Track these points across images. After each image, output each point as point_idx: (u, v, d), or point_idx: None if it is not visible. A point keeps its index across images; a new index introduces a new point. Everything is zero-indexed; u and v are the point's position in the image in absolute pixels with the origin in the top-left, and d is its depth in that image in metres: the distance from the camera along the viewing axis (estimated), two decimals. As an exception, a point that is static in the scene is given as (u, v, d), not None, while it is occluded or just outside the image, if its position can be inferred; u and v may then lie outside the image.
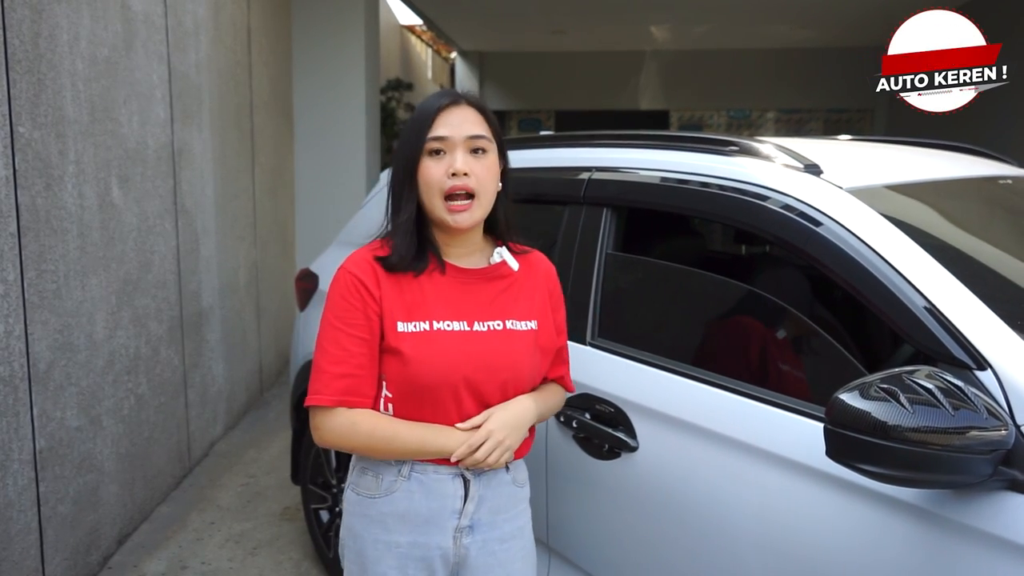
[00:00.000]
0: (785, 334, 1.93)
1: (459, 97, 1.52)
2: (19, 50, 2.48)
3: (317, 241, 5.29)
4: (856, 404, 1.28)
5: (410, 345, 1.47)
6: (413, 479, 1.53)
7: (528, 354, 1.55)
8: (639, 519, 1.87)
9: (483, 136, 1.50)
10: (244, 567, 3.08)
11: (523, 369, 1.54)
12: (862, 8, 8.51)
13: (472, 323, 1.51)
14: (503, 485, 1.59)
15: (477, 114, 1.52)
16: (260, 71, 5.13)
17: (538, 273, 1.65)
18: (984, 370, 1.36)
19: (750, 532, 1.63)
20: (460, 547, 1.54)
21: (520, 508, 1.64)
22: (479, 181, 1.49)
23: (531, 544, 1.68)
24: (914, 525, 1.38)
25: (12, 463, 2.46)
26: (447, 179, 1.47)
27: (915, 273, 1.50)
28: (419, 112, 1.52)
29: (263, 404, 5.07)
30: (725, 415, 1.71)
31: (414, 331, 1.48)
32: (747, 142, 1.92)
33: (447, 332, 1.49)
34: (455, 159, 1.47)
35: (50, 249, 2.67)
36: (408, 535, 1.53)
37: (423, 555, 1.53)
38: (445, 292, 1.52)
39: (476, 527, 1.55)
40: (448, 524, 1.53)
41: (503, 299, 1.56)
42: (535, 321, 1.58)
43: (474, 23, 9.82)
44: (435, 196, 1.49)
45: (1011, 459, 1.28)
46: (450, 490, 1.53)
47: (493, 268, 1.58)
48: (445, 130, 1.48)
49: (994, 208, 2.09)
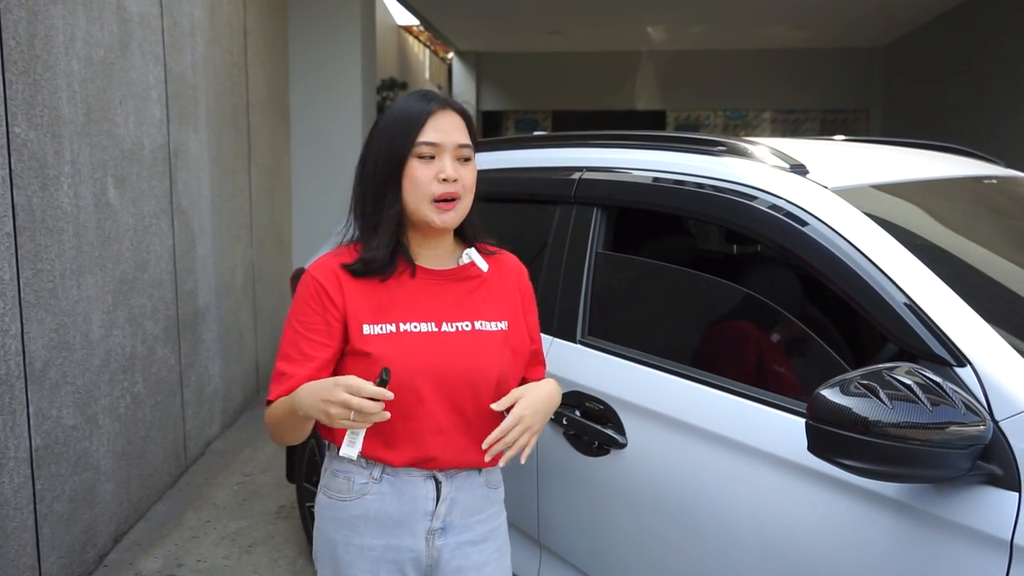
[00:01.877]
0: (773, 333, 1.95)
1: (446, 102, 1.52)
2: (15, 51, 2.50)
3: (313, 241, 5.31)
4: (837, 400, 1.30)
5: (377, 346, 1.47)
6: (384, 481, 1.53)
7: (497, 354, 1.54)
8: (628, 515, 1.89)
9: (469, 145, 1.52)
10: (240, 565, 3.10)
11: (492, 369, 1.52)
12: (858, 9, 8.54)
13: (440, 324, 1.51)
14: (476, 487, 1.58)
15: (463, 122, 1.53)
16: (256, 71, 5.15)
17: (508, 273, 1.65)
18: (963, 366, 1.38)
19: (738, 528, 1.65)
20: (432, 549, 1.54)
21: (494, 510, 1.63)
22: (464, 187, 1.51)
23: (505, 545, 1.66)
24: (894, 519, 1.40)
25: (8, 461, 2.48)
26: (437, 184, 1.48)
27: (897, 271, 1.52)
28: (405, 113, 1.50)
29: (259, 403, 5.09)
30: (714, 412, 1.73)
31: (380, 333, 1.48)
32: (735, 142, 1.94)
33: (415, 333, 1.49)
34: (445, 166, 1.48)
35: (46, 248, 2.68)
36: (380, 538, 1.52)
37: (395, 558, 1.53)
38: (413, 294, 1.53)
39: (448, 529, 1.55)
40: (420, 526, 1.53)
41: (472, 300, 1.56)
42: (505, 322, 1.57)
43: (471, 24, 9.84)
44: (423, 198, 1.49)
45: (989, 454, 1.30)
46: (422, 492, 1.53)
47: (462, 269, 1.58)
48: (437, 136, 1.48)
49: (979, 207, 2.11)
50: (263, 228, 5.31)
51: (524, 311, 1.65)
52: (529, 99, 12.11)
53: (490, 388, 1.52)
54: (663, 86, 11.70)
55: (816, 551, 1.52)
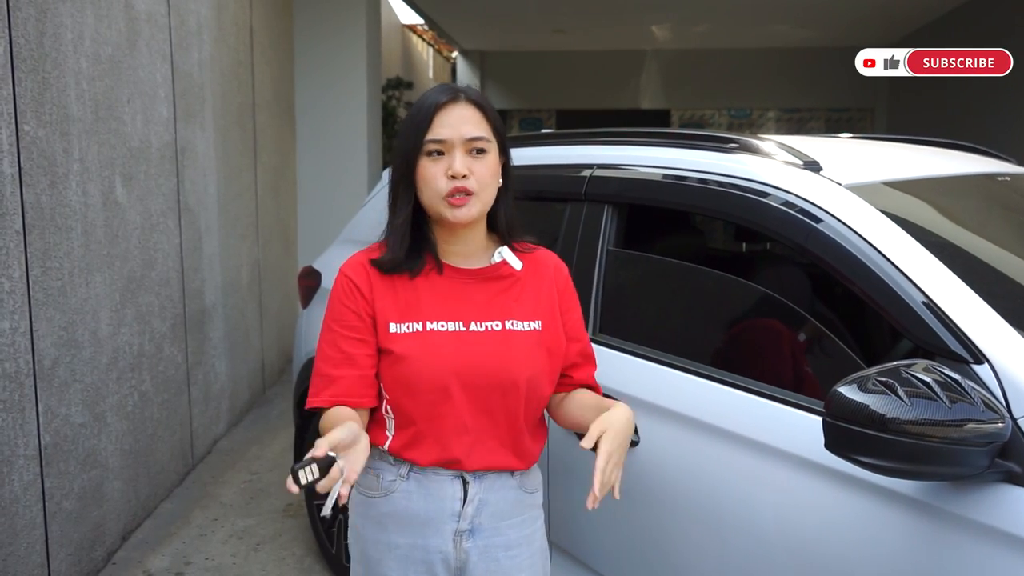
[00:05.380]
0: (786, 330, 1.94)
1: (458, 94, 1.47)
2: (24, 49, 2.50)
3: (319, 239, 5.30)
4: (855, 397, 1.29)
5: (402, 346, 1.46)
6: (411, 479, 1.51)
7: (528, 355, 1.50)
8: (640, 513, 1.88)
9: (482, 137, 1.46)
10: (247, 563, 3.10)
11: (521, 370, 1.48)
12: (863, 8, 8.52)
13: (468, 323, 1.48)
14: (508, 490, 1.55)
15: (476, 112, 1.47)
16: (262, 70, 5.15)
17: (545, 272, 1.59)
18: (981, 364, 1.37)
19: (752, 526, 1.64)
20: (460, 551, 1.51)
21: (529, 515, 1.59)
22: (479, 181, 1.45)
23: (542, 552, 1.62)
24: (912, 517, 1.40)
25: (18, 459, 2.48)
26: (447, 181, 1.44)
27: (913, 268, 1.51)
28: (416, 110, 1.48)
29: (265, 402, 5.09)
30: (726, 410, 1.73)
31: (406, 332, 1.47)
32: (747, 139, 1.94)
33: (441, 333, 1.47)
34: (454, 161, 1.44)
35: (55, 246, 2.68)
36: (407, 536, 1.51)
37: (423, 557, 1.51)
38: (441, 293, 1.50)
39: (477, 531, 1.52)
40: (447, 527, 1.51)
41: (503, 299, 1.52)
42: (539, 321, 1.53)
43: (475, 22, 9.83)
44: (435, 195, 1.46)
45: (1007, 451, 1.29)
46: (448, 492, 1.51)
47: (493, 268, 1.54)
48: (443, 131, 1.44)
49: (992, 205, 2.10)
50: (269, 227, 5.31)
51: (564, 310, 1.59)
52: (533, 98, 12.10)
53: (520, 389, 1.49)
54: (667, 85, 11.68)
55: (832, 549, 1.51)
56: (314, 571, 3.05)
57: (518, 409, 1.51)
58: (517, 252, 1.58)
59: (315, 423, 3.08)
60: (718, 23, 9.63)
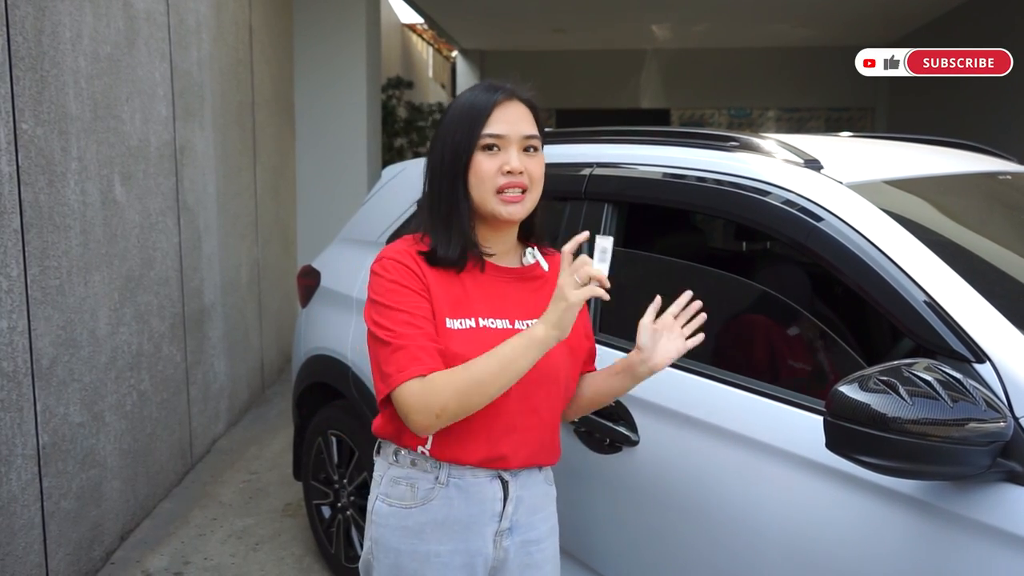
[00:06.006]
0: (786, 329, 1.94)
1: (513, 93, 1.49)
2: (22, 47, 2.49)
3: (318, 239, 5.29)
4: (856, 396, 1.29)
5: (458, 342, 1.43)
6: (451, 485, 1.49)
7: (561, 354, 1.51)
8: (639, 513, 1.88)
9: (536, 135, 1.49)
10: (246, 563, 3.10)
11: (561, 369, 1.52)
12: (863, 7, 8.52)
13: (514, 321, 1.49)
14: (537, 484, 1.57)
15: (529, 112, 1.50)
16: (262, 69, 5.14)
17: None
18: (983, 363, 1.37)
19: (752, 526, 1.64)
20: (500, 550, 1.52)
21: (551, 509, 1.63)
22: (532, 178, 1.47)
23: (558, 545, 1.65)
24: (913, 516, 1.39)
25: (16, 458, 2.47)
26: (501, 176, 1.45)
27: (915, 267, 1.51)
28: (470, 105, 1.48)
29: (265, 401, 5.08)
30: (726, 410, 1.72)
31: (460, 328, 1.45)
32: (748, 138, 1.93)
33: (492, 330, 1.47)
34: (511, 157, 1.45)
35: (53, 245, 2.68)
36: (448, 543, 1.49)
37: (465, 562, 1.49)
38: (487, 290, 1.51)
39: (515, 528, 1.53)
40: (488, 529, 1.51)
41: (536, 299, 1.53)
42: None
43: (475, 22, 9.83)
44: (488, 191, 1.45)
45: (1009, 451, 1.29)
46: (489, 493, 1.50)
47: (527, 269, 1.57)
48: (502, 127, 1.45)
49: (993, 203, 2.10)
50: (268, 226, 5.30)
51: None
52: (533, 97, 12.08)
53: (560, 386, 1.52)
54: (667, 84, 11.67)
55: (834, 549, 1.51)
56: (313, 571, 3.04)
57: (558, 405, 1.55)
58: (544, 254, 1.62)
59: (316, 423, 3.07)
60: (718, 22, 9.63)
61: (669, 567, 1.82)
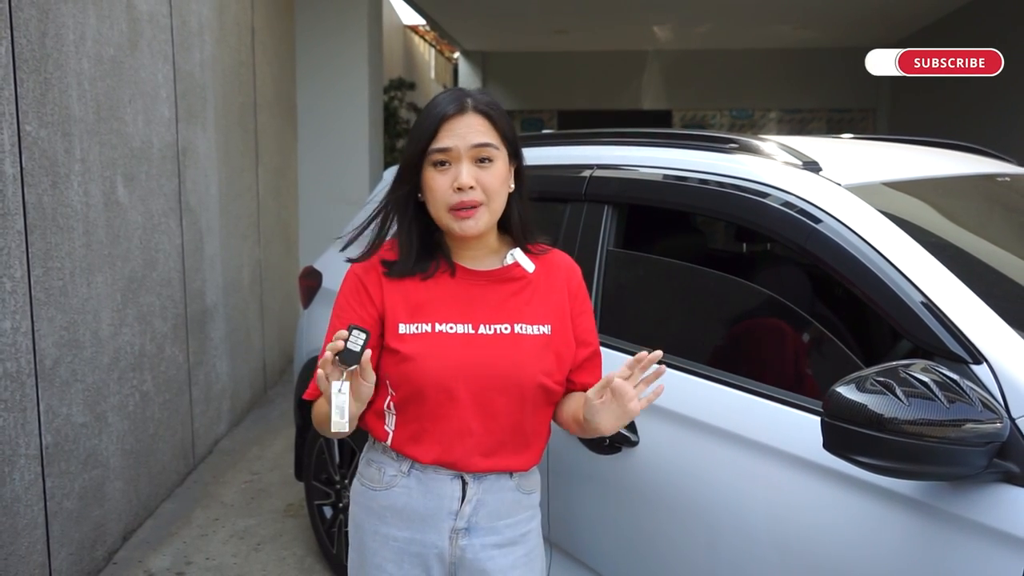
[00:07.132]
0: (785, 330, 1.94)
1: (466, 104, 1.44)
2: (26, 49, 2.51)
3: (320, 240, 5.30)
4: (853, 397, 1.29)
5: (410, 346, 1.46)
6: (412, 476, 1.53)
7: (536, 359, 1.48)
8: (639, 513, 1.88)
9: (489, 144, 1.43)
10: (248, 563, 3.11)
11: (529, 374, 1.47)
12: (864, 8, 8.52)
13: (477, 326, 1.47)
14: (506, 491, 1.55)
15: (484, 121, 1.45)
16: (264, 71, 5.16)
17: (557, 274, 1.57)
18: (980, 364, 1.37)
19: (751, 526, 1.65)
20: (456, 548, 1.53)
21: (525, 515, 1.59)
22: (486, 191, 1.43)
23: (536, 551, 1.62)
24: (910, 517, 1.40)
25: (19, 458, 2.49)
26: (453, 193, 1.42)
27: (912, 269, 1.51)
28: (423, 117, 1.47)
29: (266, 402, 5.09)
30: (725, 410, 1.73)
31: (415, 333, 1.47)
32: (747, 139, 1.94)
33: (449, 335, 1.47)
34: (460, 172, 1.41)
35: (56, 247, 2.69)
36: (405, 530, 1.53)
37: (419, 551, 1.53)
38: (452, 294, 1.50)
39: (473, 530, 1.53)
40: (444, 524, 1.52)
41: (514, 302, 1.51)
42: (548, 325, 1.51)
43: (477, 23, 9.84)
44: (441, 208, 1.45)
45: (1006, 451, 1.29)
46: (447, 491, 1.52)
47: (505, 270, 1.53)
48: (449, 141, 1.42)
49: (992, 205, 2.10)
50: (270, 227, 5.32)
51: (575, 313, 1.57)
52: (535, 99, 12.10)
53: (526, 393, 1.48)
54: (669, 86, 11.68)
55: (830, 549, 1.51)
56: (315, 571, 3.05)
57: (523, 413, 1.50)
58: (531, 254, 1.56)
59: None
60: (719, 24, 9.63)
61: (669, 567, 1.83)
